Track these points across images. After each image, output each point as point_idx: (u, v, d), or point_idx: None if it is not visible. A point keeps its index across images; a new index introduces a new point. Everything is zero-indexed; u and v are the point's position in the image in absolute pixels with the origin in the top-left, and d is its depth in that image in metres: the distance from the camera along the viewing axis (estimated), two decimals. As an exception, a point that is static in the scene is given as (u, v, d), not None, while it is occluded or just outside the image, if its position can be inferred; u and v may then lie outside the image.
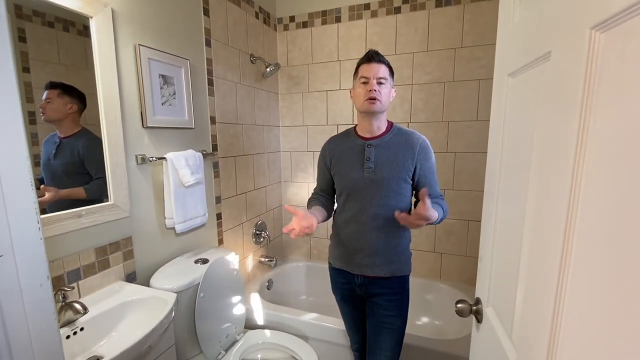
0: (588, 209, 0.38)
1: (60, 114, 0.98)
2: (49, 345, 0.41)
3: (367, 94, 1.01)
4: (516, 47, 0.61)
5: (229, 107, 1.69)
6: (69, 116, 0.99)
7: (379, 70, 1.01)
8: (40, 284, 0.39)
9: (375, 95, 1.01)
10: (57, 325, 0.43)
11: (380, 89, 1.01)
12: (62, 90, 0.96)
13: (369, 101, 1.01)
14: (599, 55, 0.37)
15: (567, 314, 0.41)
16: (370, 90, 1.00)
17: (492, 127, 0.74)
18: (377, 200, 1.05)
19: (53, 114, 0.96)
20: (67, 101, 0.98)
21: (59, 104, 0.96)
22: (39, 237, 0.38)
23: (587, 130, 0.38)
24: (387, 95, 1.03)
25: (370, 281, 1.11)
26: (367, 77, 1.02)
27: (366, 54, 1.04)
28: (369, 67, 1.02)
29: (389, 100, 1.06)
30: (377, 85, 1.01)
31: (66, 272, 0.98)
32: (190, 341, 1.24)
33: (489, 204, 0.74)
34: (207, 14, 1.50)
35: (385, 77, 1.02)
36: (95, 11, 1.01)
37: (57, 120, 0.98)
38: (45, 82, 0.93)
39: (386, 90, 1.03)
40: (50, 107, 0.95)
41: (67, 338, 0.87)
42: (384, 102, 1.03)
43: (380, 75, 1.01)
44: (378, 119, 1.06)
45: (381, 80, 1.01)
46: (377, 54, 1.03)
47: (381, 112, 1.05)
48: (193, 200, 1.36)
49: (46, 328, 0.41)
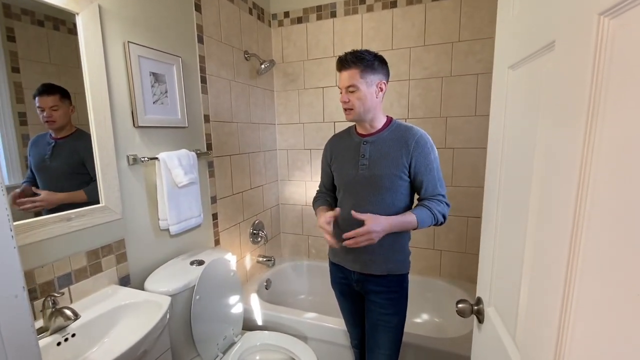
0: (597, 206, 0.36)
1: (68, 118, 0.97)
2: (28, 359, 0.39)
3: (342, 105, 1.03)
4: (517, 38, 0.59)
5: (223, 105, 1.66)
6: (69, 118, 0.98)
7: (347, 78, 0.99)
8: (16, 295, 0.36)
9: (347, 106, 1.02)
10: (36, 338, 0.41)
11: (350, 97, 1.00)
12: (61, 94, 0.95)
13: (344, 112, 1.04)
14: (608, 43, 0.35)
15: (576, 315, 0.39)
16: (342, 101, 1.02)
17: (492, 122, 0.71)
18: (372, 197, 1.04)
19: (62, 120, 0.95)
20: (69, 104, 0.97)
21: (65, 109, 0.95)
22: (12, 246, 0.36)
23: (596, 123, 0.36)
24: (362, 99, 1.00)
25: (366, 278, 1.10)
26: (340, 87, 1.03)
27: (337, 59, 1.01)
28: (340, 77, 1.02)
29: (369, 101, 1.00)
30: (347, 95, 1.01)
31: (56, 277, 0.95)
32: (186, 344, 1.22)
33: (490, 201, 0.72)
34: (199, 9, 1.47)
35: (353, 83, 0.98)
36: (81, 7, 0.98)
37: (65, 126, 0.96)
38: (35, 83, 0.90)
39: (359, 95, 0.99)
40: (58, 114, 0.94)
41: (57, 345, 0.85)
42: (358, 108, 1.01)
43: (348, 84, 0.99)
44: (365, 120, 1.06)
45: (350, 89, 0.99)
46: (343, 60, 0.99)
47: (361, 119, 1.05)
48: (187, 200, 1.33)
49: (23, 342, 0.38)
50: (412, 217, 0.99)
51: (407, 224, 0.99)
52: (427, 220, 1.00)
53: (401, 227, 0.99)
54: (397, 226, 0.98)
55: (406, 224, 0.99)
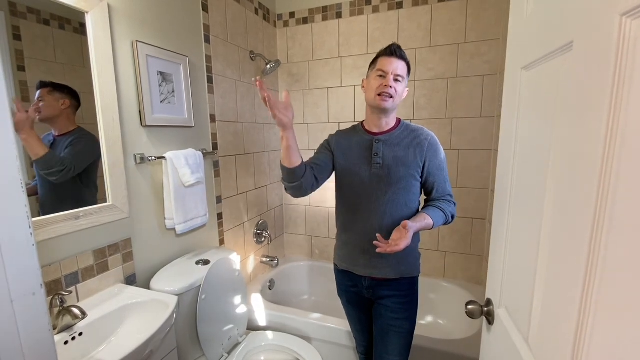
0: (619, 207, 0.35)
1: (54, 110, 0.95)
2: (44, 357, 0.39)
3: (381, 89, 0.97)
4: (531, 38, 0.58)
5: (229, 105, 1.66)
6: (63, 113, 0.97)
7: (398, 66, 0.97)
8: (33, 292, 0.36)
9: (390, 92, 0.97)
10: (52, 336, 0.41)
11: (395, 86, 0.97)
12: (52, 87, 0.94)
13: (381, 97, 0.98)
14: (631, 45, 0.34)
15: (595, 318, 0.38)
16: (386, 85, 0.96)
17: (503, 123, 0.71)
18: (386, 197, 1.02)
19: (47, 112, 0.93)
20: (59, 97, 0.95)
21: (50, 101, 0.94)
22: (31, 244, 0.36)
23: (618, 125, 0.35)
24: (400, 93, 1.00)
25: (378, 283, 1.07)
26: (385, 71, 0.97)
27: (389, 46, 0.99)
28: (389, 61, 0.97)
29: (401, 98, 1.02)
30: (393, 81, 0.97)
31: (64, 275, 0.95)
32: (192, 344, 1.22)
33: (501, 202, 0.71)
34: (206, 9, 1.47)
35: (403, 75, 0.98)
36: (91, 6, 0.98)
37: (52, 118, 0.95)
38: (44, 82, 0.91)
39: (401, 88, 0.99)
40: (44, 106, 0.92)
41: (65, 344, 0.85)
42: (396, 100, 0.99)
43: (398, 72, 0.97)
44: (388, 115, 1.03)
45: (398, 78, 0.98)
46: (399, 49, 0.99)
47: (392, 110, 1.02)
48: (194, 200, 1.33)
49: (40, 339, 0.38)
50: (430, 220, 0.97)
51: (424, 227, 0.97)
52: (440, 222, 1.00)
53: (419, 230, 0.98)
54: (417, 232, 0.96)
55: (424, 228, 0.97)
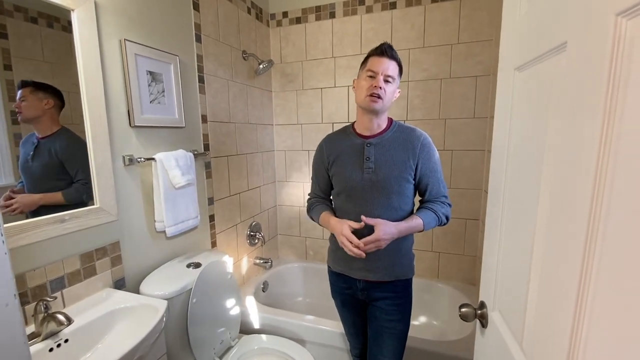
0: (614, 209, 0.35)
1: (37, 110, 0.92)
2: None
3: (371, 90, 0.95)
4: (524, 38, 0.58)
5: (221, 105, 1.64)
6: (46, 113, 0.93)
7: (388, 66, 0.95)
8: (6, 303, 0.34)
9: (379, 93, 0.95)
10: (28, 348, 0.39)
11: (385, 87, 0.96)
12: (35, 87, 0.91)
13: (370, 98, 0.96)
14: (626, 45, 0.34)
15: (590, 321, 0.38)
16: (375, 86, 0.95)
17: (496, 124, 0.70)
18: (379, 201, 1.01)
19: (29, 112, 0.90)
20: (42, 97, 0.92)
21: (33, 101, 0.90)
22: (4, 252, 0.34)
23: (613, 125, 0.35)
24: (391, 94, 0.98)
25: (373, 285, 1.07)
26: (375, 71, 0.95)
27: (379, 46, 0.97)
28: (379, 62, 0.95)
29: (392, 99, 1.00)
30: (383, 82, 0.95)
31: (49, 280, 0.93)
32: (182, 349, 1.19)
33: (494, 204, 0.71)
34: (197, 8, 1.45)
35: (393, 75, 0.97)
36: (77, 4, 0.95)
37: (34, 119, 0.92)
38: (26, 81, 0.88)
39: (391, 89, 0.97)
40: (26, 106, 0.89)
41: (50, 351, 0.82)
42: (387, 101, 0.97)
43: (389, 73, 0.95)
44: (379, 116, 1.01)
45: (388, 79, 0.96)
46: (390, 49, 0.97)
47: (382, 111, 1.01)
48: (184, 202, 1.31)
49: (16, 352, 0.36)
50: (419, 221, 0.97)
51: (414, 228, 0.98)
52: (432, 224, 1.00)
53: (408, 232, 0.98)
54: (404, 232, 0.96)
55: (413, 228, 0.98)
